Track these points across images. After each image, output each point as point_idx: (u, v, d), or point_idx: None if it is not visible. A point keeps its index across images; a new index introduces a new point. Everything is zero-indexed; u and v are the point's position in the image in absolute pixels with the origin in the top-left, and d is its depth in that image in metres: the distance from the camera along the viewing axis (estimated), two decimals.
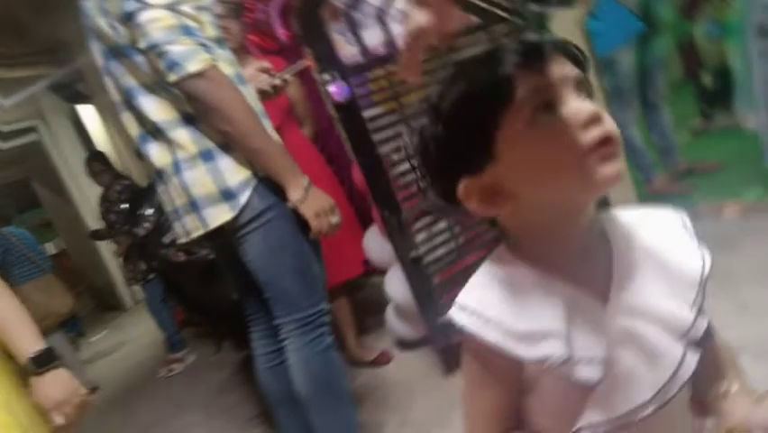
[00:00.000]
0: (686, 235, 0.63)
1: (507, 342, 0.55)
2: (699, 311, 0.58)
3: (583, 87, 0.55)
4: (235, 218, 1.39)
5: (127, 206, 3.68)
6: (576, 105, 0.53)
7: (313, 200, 1.40)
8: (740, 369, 0.67)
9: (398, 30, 2.27)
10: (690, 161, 3.13)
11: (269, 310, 1.54)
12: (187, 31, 1.29)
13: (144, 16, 1.26)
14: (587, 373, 0.54)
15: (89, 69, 6.12)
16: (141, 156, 1.50)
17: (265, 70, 1.73)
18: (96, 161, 3.90)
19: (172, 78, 1.28)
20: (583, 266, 0.58)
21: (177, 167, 1.40)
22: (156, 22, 1.26)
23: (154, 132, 1.41)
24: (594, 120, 0.52)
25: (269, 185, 1.41)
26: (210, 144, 1.38)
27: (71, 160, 6.79)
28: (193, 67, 1.27)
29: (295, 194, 1.39)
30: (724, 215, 2.45)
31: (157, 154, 1.43)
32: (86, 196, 6.61)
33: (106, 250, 6.96)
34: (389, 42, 2.10)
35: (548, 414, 0.60)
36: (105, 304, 8.02)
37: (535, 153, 0.52)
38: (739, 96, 2.55)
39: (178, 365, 3.86)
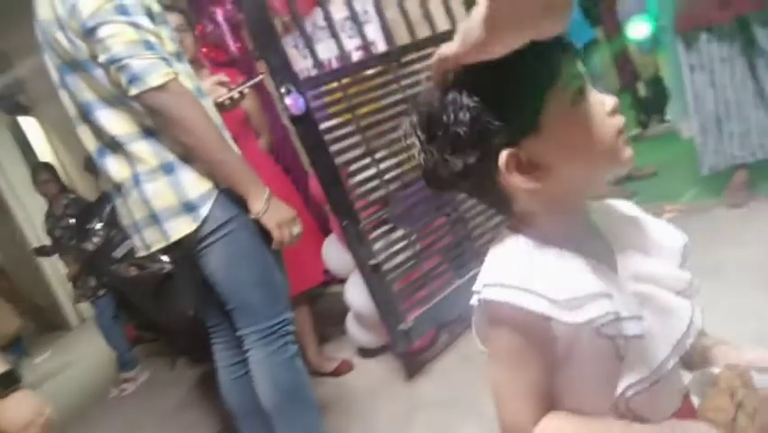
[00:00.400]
0: (653, 217, 0.70)
1: (554, 310, 0.55)
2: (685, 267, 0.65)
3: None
4: (197, 230, 1.40)
5: (74, 221, 3.58)
6: (601, 96, 0.60)
7: (274, 211, 1.43)
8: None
9: (351, 44, 2.32)
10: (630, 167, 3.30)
11: (231, 322, 1.55)
12: (148, 45, 1.30)
13: (105, 31, 1.27)
14: (634, 328, 0.57)
15: (30, 81, 5.91)
16: (94, 170, 1.50)
17: (222, 84, 1.74)
18: (43, 172, 3.78)
19: (133, 91, 1.28)
20: (589, 241, 0.63)
21: (136, 180, 1.40)
22: (117, 36, 1.27)
23: (112, 145, 1.41)
24: (616, 110, 0.60)
25: (231, 196, 1.43)
26: (171, 157, 1.39)
27: (12, 174, 6.51)
28: (155, 81, 1.28)
29: (257, 205, 1.41)
30: (663, 217, 2.60)
31: (115, 168, 1.43)
32: (28, 211, 6.35)
33: (49, 267, 6.69)
34: (343, 56, 2.15)
35: (587, 384, 0.60)
36: (48, 323, 7.68)
37: (574, 131, 0.58)
38: (673, 105, 2.71)
39: (131, 384, 3.76)
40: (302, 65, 2.39)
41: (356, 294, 2.26)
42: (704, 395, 0.62)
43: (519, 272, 0.58)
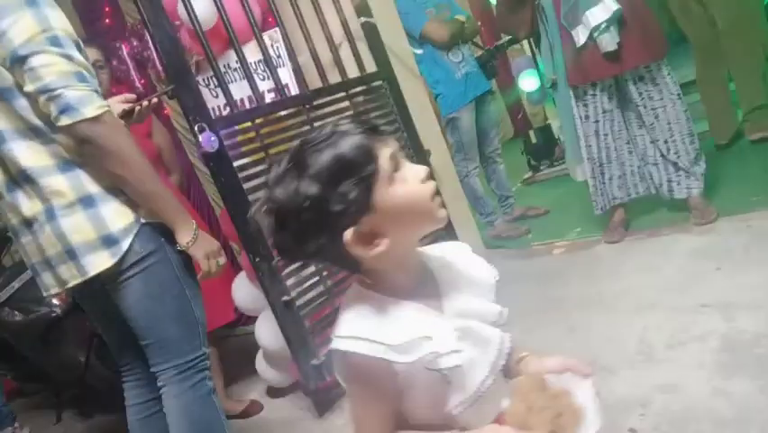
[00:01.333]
0: (475, 256, 0.85)
1: (390, 354, 0.68)
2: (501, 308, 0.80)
3: (404, 155, 0.75)
4: (116, 264, 1.37)
5: None
6: (413, 167, 0.74)
7: (202, 243, 1.45)
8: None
9: (264, 86, 2.38)
10: (524, 207, 3.57)
11: (144, 359, 1.51)
12: (80, 77, 1.29)
13: (37, 60, 1.24)
14: (451, 361, 0.70)
15: None
16: None
17: (128, 101, 1.72)
18: None
19: (65, 121, 1.26)
20: (421, 287, 0.76)
21: (51, 214, 1.35)
22: (50, 66, 1.25)
23: (23, 179, 1.36)
24: (428, 177, 0.74)
25: (151, 230, 1.42)
26: (91, 190, 1.36)
27: None
28: (90, 112, 1.27)
29: (185, 237, 1.42)
30: (553, 252, 2.83)
31: (26, 202, 1.37)
32: None
33: None
34: (256, 97, 2.20)
35: (424, 407, 0.75)
36: None
37: (398, 202, 0.70)
38: (567, 151, 2.99)
39: None
40: (213, 103, 2.41)
41: (267, 331, 2.25)
42: (509, 402, 0.75)
43: (363, 324, 0.71)
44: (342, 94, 2.42)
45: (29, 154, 1.34)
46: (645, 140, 2.57)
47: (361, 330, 0.70)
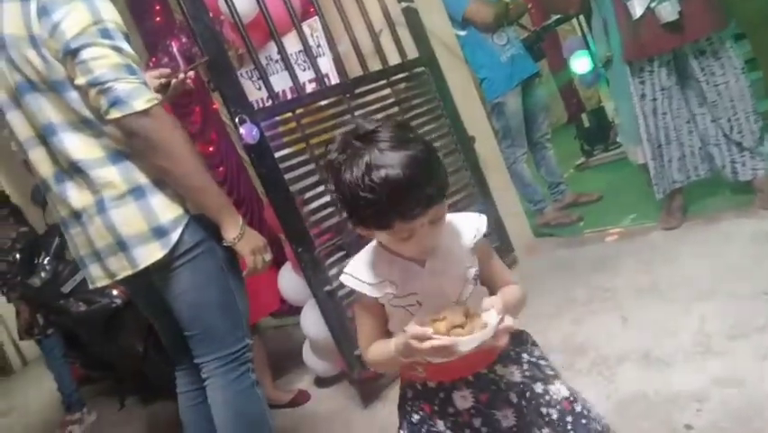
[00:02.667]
0: (472, 226, 1.00)
1: (364, 288, 0.96)
2: (473, 265, 0.99)
3: (436, 217, 0.88)
4: (165, 256, 1.38)
5: (20, 255, 3.45)
6: (407, 227, 0.88)
7: (248, 239, 1.45)
8: (508, 293, 1.00)
9: (305, 76, 2.38)
10: (575, 194, 3.45)
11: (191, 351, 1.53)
12: (130, 70, 1.30)
13: (89, 53, 1.26)
14: (407, 301, 0.96)
15: None
16: (40, 202, 1.47)
17: (163, 75, 1.73)
18: None
19: (115, 114, 1.27)
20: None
21: (101, 206, 1.37)
22: (101, 59, 1.26)
23: (74, 170, 1.37)
24: (411, 235, 0.89)
25: (199, 222, 1.43)
26: (141, 182, 1.37)
27: None
28: (139, 105, 1.28)
29: (232, 232, 1.42)
30: (606, 239, 2.72)
31: (75, 194, 1.39)
32: None
33: None
34: (297, 88, 2.20)
35: (397, 329, 0.98)
36: None
37: (386, 243, 0.96)
38: (623, 133, 2.85)
39: (77, 427, 3.59)
40: (256, 96, 2.43)
41: (311, 322, 2.26)
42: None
43: (357, 265, 0.99)
44: (383, 81, 2.40)
45: (80, 146, 1.36)
46: (707, 119, 2.41)
47: (353, 269, 0.99)
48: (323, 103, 2.23)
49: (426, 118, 2.53)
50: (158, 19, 3.79)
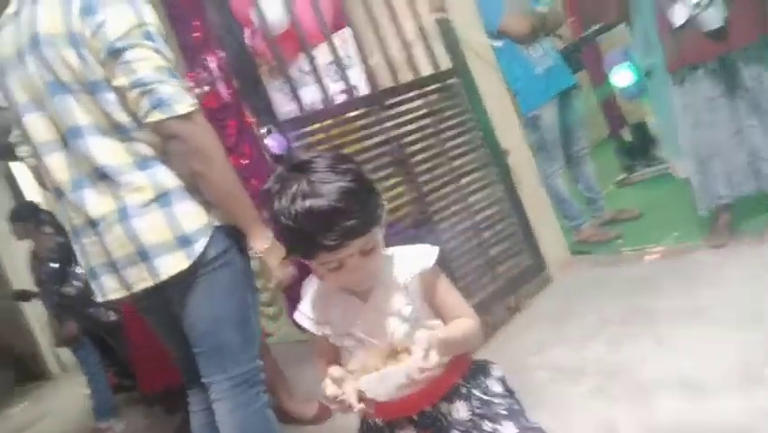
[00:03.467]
0: (417, 259, 0.99)
1: (309, 324, 1.01)
2: (410, 302, 0.98)
3: (365, 249, 0.89)
4: (190, 267, 1.33)
5: (57, 265, 3.53)
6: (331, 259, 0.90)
7: (277, 251, 1.40)
8: (452, 327, 0.99)
9: (335, 87, 2.36)
10: (615, 210, 3.32)
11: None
12: (172, 73, 1.28)
13: (133, 54, 1.24)
14: (345, 342, 0.99)
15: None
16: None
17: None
18: (23, 214, 3.72)
19: (156, 117, 1.25)
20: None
21: (123, 213, 1.31)
22: (144, 60, 1.25)
23: (96, 176, 1.33)
24: (339, 267, 0.91)
25: (221, 232, 1.38)
26: (169, 188, 1.34)
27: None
28: (181, 109, 1.26)
29: (261, 243, 1.39)
30: (645, 258, 2.60)
31: (94, 201, 1.34)
32: (13, 257, 6.27)
33: (32, 313, 6.56)
34: (326, 99, 2.18)
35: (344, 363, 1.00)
36: (28, 373, 7.48)
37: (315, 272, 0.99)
38: (667, 146, 2.73)
39: None
40: (288, 108, 2.43)
41: None
42: None
43: (306, 299, 1.03)
44: (415, 93, 2.36)
45: (107, 151, 1.32)
46: (756, 131, 2.28)
47: (303, 303, 1.03)
48: (351, 114, 2.21)
49: (458, 130, 2.48)
50: (196, 34, 3.86)
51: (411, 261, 0.98)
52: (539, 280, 2.67)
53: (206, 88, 1.78)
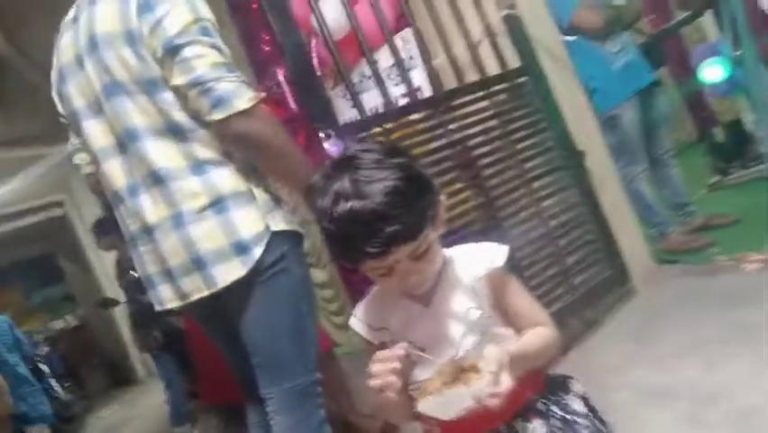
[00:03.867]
0: (484, 258, 0.89)
1: (366, 331, 0.93)
2: (479, 306, 0.88)
3: (416, 253, 0.81)
4: (246, 274, 1.29)
5: (137, 274, 3.66)
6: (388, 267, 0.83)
7: None
8: (526, 339, 0.87)
9: (398, 91, 2.29)
10: (707, 216, 3.03)
11: None
12: (230, 68, 1.25)
13: (191, 51, 1.21)
14: (404, 348, 0.83)
15: None
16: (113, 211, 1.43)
17: None
18: (106, 225, 3.89)
19: (217, 116, 1.22)
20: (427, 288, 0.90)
21: (178, 220, 1.29)
22: (202, 58, 1.22)
23: (152, 181, 1.30)
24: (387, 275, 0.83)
25: (279, 238, 1.33)
26: (224, 194, 1.29)
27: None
28: (242, 104, 1.22)
29: None
30: (743, 268, 2.33)
31: (150, 207, 1.31)
32: (106, 267, 6.65)
33: (123, 321, 6.92)
34: (387, 103, 2.11)
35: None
36: (119, 377, 7.91)
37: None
38: (765, 145, 2.47)
39: None
40: (350, 115, 2.38)
41: None
42: None
43: (363, 305, 0.95)
44: (481, 93, 2.25)
45: (162, 154, 1.29)
46: None
47: (359, 309, 0.95)
48: (413, 117, 2.12)
49: (528, 132, 2.33)
50: (267, 48, 3.93)
51: (478, 260, 0.89)
52: (621, 292, 2.46)
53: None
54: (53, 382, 5.85)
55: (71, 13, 1.40)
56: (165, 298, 1.38)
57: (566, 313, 2.25)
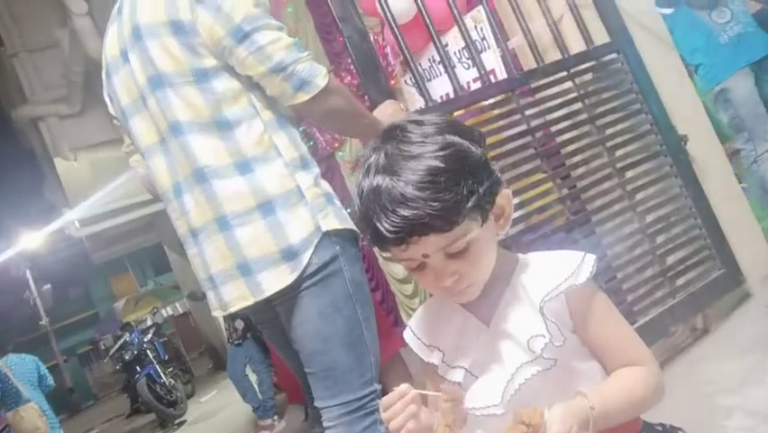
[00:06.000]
0: (559, 273, 0.72)
1: (417, 347, 0.82)
2: (545, 333, 0.71)
3: (451, 249, 0.69)
4: (294, 281, 1.22)
5: None
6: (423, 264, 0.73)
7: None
8: (607, 391, 0.72)
9: (470, 75, 2.12)
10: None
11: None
12: (299, 47, 1.24)
13: (263, 37, 1.19)
14: (453, 375, 0.78)
15: None
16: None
17: None
18: None
19: (303, 97, 1.22)
20: (481, 300, 0.76)
21: (224, 223, 1.22)
22: (276, 42, 1.20)
23: (194, 180, 1.24)
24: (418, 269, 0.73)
25: (328, 239, 1.25)
26: (271, 194, 1.22)
27: None
28: (321, 81, 1.22)
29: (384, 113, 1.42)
30: None
31: (194, 209, 1.25)
32: None
33: None
34: (455, 87, 1.95)
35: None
36: (221, 364, 8.31)
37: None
38: None
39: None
40: (420, 103, 2.25)
41: None
42: None
43: (417, 316, 0.84)
44: (563, 74, 2.02)
45: (207, 150, 1.23)
46: None
47: (415, 319, 0.84)
48: (487, 103, 1.94)
49: (619, 115, 2.07)
50: (340, 39, 3.88)
51: (555, 273, 0.73)
52: (734, 295, 2.14)
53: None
54: (158, 368, 6.22)
55: (117, 4, 1.35)
56: (213, 305, 1.34)
57: (667, 319, 1.99)
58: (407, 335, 0.83)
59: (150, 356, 6.27)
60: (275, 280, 1.21)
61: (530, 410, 0.64)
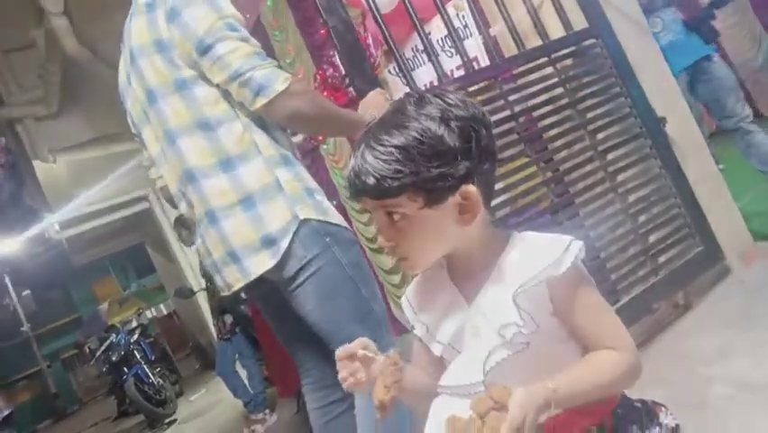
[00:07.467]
0: (541, 259, 0.73)
1: (410, 312, 0.86)
2: (519, 321, 0.73)
3: (392, 211, 0.74)
4: (283, 270, 1.34)
5: None
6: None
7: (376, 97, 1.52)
8: (576, 374, 0.72)
9: (453, 63, 2.15)
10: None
11: (321, 360, 1.48)
12: (262, 56, 1.32)
13: (223, 47, 1.29)
14: (434, 348, 0.82)
15: None
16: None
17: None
18: (184, 222, 4.03)
19: (261, 101, 1.29)
20: (466, 276, 0.81)
21: (212, 217, 1.37)
22: (235, 51, 1.29)
23: (186, 180, 1.39)
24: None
25: (312, 230, 1.36)
26: (251, 190, 1.35)
27: None
28: (280, 85, 1.28)
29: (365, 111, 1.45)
30: None
31: (193, 204, 1.41)
32: (189, 258, 6.93)
33: (208, 310, 7.20)
34: (439, 75, 1.98)
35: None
36: (208, 362, 8.27)
37: None
38: None
39: (260, 426, 3.78)
40: (403, 91, 2.27)
41: None
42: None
43: (415, 282, 0.88)
44: (543, 60, 2.06)
45: (193, 151, 1.37)
46: None
47: (411, 286, 0.88)
48: (470, 90, 1.98)
49: (600, 98, 2.12)
50: (322, 32, 3.88)
51: (536, 262, 0.73)
52: (714, 272, 2.21)
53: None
54: (146, 368, 6.17)
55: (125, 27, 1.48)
56: (221, 286, 1.48)
57: (651, 296, 2.04)
58: (404, 299, 0.88)
59: (138, 357, 6.22)
60: (258, 265, 1.35)
61: (500, 387, 0.65)
